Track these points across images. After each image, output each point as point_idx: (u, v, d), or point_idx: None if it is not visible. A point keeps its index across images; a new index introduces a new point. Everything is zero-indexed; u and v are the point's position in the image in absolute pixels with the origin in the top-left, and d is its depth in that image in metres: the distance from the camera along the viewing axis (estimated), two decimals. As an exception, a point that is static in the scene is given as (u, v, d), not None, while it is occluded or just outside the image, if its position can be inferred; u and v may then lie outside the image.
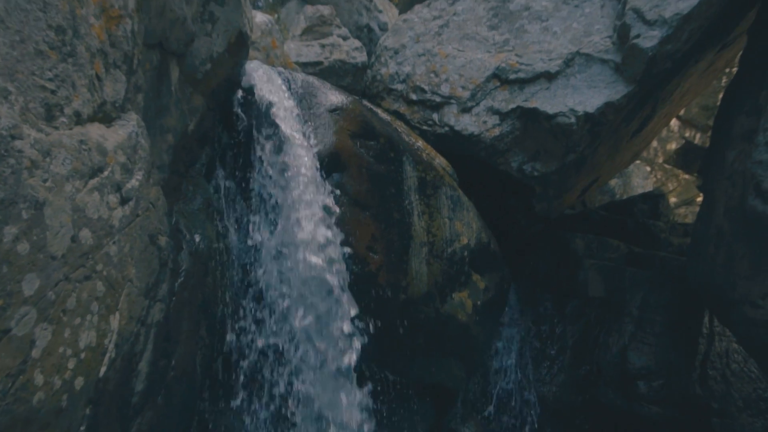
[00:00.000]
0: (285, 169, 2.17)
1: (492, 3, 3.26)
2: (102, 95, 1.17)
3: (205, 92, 2.18)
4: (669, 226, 4.58)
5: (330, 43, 6.40)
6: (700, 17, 2.55)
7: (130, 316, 1.12)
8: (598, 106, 2.76)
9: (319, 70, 6.31)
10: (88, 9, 1.09)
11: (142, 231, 1.22)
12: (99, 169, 1.03)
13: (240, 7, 2.14)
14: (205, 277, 1.88)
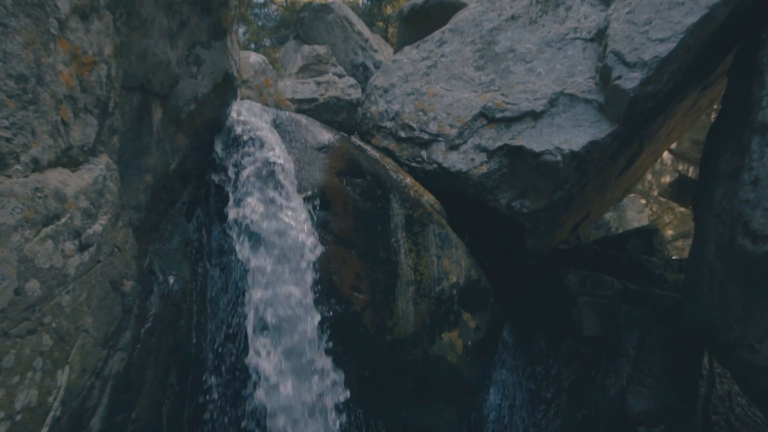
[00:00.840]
0: (268, 207, 2.15)
1: (478, 45, 3.35)
2: (68, 140, 1.16)
3: (189, 132, 2.19)
4: (664, 262, 4.52)
5: (326, 81, 6.57)
6: (678, 60, 2.61)
7: (82, 368, 1.06)
8: (584, 144, 2.78)
9: (314, 106, 6.45)
10: (56, 57, 1.10)
11: (104, 277, 1.18)
12: (55, 216, 1.00)
13: (226, 51, 2.18)
14: (178, 319, 1.81)
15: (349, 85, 6.58)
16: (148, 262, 1.76)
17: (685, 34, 2.53)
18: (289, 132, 2.70)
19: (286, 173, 2.19)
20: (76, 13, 1.21)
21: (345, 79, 6.82)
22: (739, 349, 2.37)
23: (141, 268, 1.62)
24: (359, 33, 7.08)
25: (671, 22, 2.56)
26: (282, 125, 2.72)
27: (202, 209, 2.30)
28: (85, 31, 1.26)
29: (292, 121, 2.79)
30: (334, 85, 6.45)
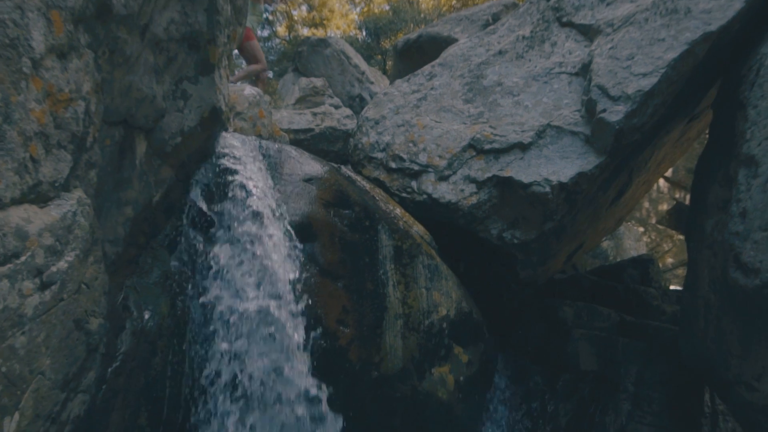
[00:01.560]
0: (251, 240, 2.12)
1: (467, 79, 3.42)
2: (37, 176, 1.15)
3: (175, 164, 2.19)
4: (661, 292, 4.45)
5: (322, 112, 6.69)
6: (662, 93, 2.65)
7: (35, 414, 1.01)
8: (572, 176, 2.78)
9: (310, 136, 6.54)
10: (27, 95, 1.10)
11: (66, 316, 1.14)
12: (14, 254, 0.98)
13: (214, 85, 2.21)
14: (152, 357, 1.75)
15: (345, 116, 6.69)
16: (123, 297, 1.72)
17: (667, 69, 2.58)
18: (277, 163, 2.71)
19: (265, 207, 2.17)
20: (53, 53, 1.22)
21: (341, 110, 6.95)
22: (737, 388, 2.29)
23: (113, 304, 1.58)
24: (356, 66, 7.27)
25: (653, 58, 2.62)
26: (270, 157, 2.74)
27: (185, 242, 2.28)
28: (62, 69, 1.27)
29: (280, 152, 2.81)
30: (330, 115, 6.56)
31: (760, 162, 2.29)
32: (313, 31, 19.80)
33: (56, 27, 1.22)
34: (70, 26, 1.29)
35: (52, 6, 1.20)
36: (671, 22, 2.65)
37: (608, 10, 3.04)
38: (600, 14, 3.05)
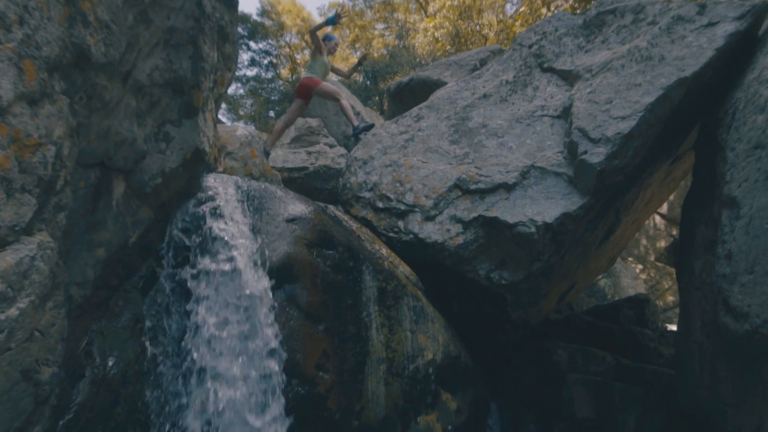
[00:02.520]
0: (227, 286, 2.08)
1: (453, 120, 3.50)
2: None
3: (155, 204, 2.19)
4: (658, 334, 4.33)
5: (316, 151, 6.79)
6: (641, 136, 2.69)
7: (-34, 477, 0.93)
8: (556, 216, 2.78)
9: (304, 174, 6.61)
10: (-10, 141, 1.11)
11: (12, 366, 1.09)
12: (-43, 303, 0.95)
13: (197, 128, 2.24)
14: (114, 407, 1.67)
15: (339, 155, 6.80)
16: (86, 343, 1.66)
17: (645, 113, 2.63)
18: (261, 204, 2.71)
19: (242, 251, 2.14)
20: (22, 100, 1.24)
21: (336, 149, 7.07)
22: (736, 440, 2.17)
23: (74, 350, 1.52)
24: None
25: (630, 102, 2.68)
26: (254, 197, 2.74)
27: (163, 283, 2.23)
28: (32, 115, 1.29)
29: (265, 192, 2.81)
30: (325, 154, 6.66)
31: (741, 204, 2.29)
32: (315, 74, 20.54)
33: (28, 75, 1.24)
34: (44, 74, 1.32)
35: (25, 56, 1.23)
36: (646, 68, 2.73)
37: (587, 56, 3.15)
38: (579, 60, 3.16)
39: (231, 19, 2.57)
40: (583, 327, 4.52)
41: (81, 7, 1.45)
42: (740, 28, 2.62)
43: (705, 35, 2.67)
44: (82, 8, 1.46)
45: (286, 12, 19.65)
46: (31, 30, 1.25)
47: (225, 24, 2.46)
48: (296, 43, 20.29)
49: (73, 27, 1.43)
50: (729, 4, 2.72)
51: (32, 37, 1.25)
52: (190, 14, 2.01)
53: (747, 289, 2.12)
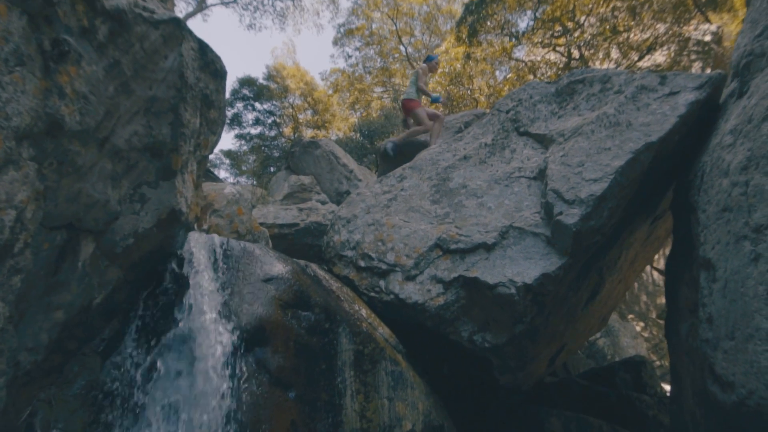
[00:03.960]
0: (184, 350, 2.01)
1: (434, 181, 3.58)
2: (-66, 287, 1.13)
3: (125, 264, 2.17)
4: (656, 399, 4.11)
5: (308, 207, 6.89)
6: (615, 197, 2.74)
7: None
8: (536, 277, 2.75)
9: (294, 230, 6.63)
10: (-59, 208, 1.13)
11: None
12: None
13: (174, 189, 2.28)
14: (51, 489, 1.54)
15: (330, 211, 6.88)
16: (28, 414, 1.57)
17: (616, 175, 2.70)
18: (238, 263, 2.69)
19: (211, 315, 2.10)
20: (-16, 167, 1.28)
21: (327, 205, 7.18)
22: None
23: (11, 423, 1.44)
24: (344, 165, 7.68)
25: (601, 165, 2.76)
26: (232, 256, 2.73)
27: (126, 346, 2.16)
28: (-7, 181, 1.32)
29: (243, 251, 2.81)
30: (316, 211, 6.74)
31: (716, 266, 2.27)
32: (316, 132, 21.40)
33: (-8, 144, 1.29)
34: (11, 143, 1.37)
35: (-8, 126, 1.29)
36: (615, 133, 2.84)
37: (559, 122, 3.29)
38: (552, 125, 3.30)
39: (217, 88, 2.72)
40: (579, 392, 4.30)
41: (58, 80, 1.53)
42: (700, 97, 2.76)
43: (668, 103, 2.81)
44: (59, 81, 1.54)
45: (290, 76, 20.81)
46: (2, 103, 1.31)
47: (210, 92, 2.59)
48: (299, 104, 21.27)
49: (48, 99, 1.51)
50: (688, 75, 2.88)
51: (2, 109, 1.31)
52: (172, 85, 2.12)
53: (730, 357, 2.04)
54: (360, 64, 21.40)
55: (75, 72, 1.61)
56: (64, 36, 1.55)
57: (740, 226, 2.10)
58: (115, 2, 1.78)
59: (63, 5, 1.53)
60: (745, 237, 2.05)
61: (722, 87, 2.89)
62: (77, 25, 1.62)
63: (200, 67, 2.39)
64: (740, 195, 2.13)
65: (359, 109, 22.00)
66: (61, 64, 1.55)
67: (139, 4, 1.92)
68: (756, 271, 1.95)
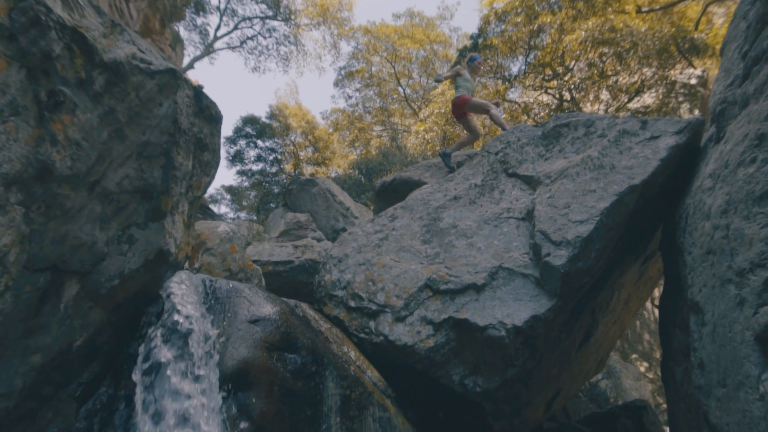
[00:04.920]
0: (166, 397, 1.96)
1: (425, 221, 3.61)
2: None
3: (109, 306, 2.16)
4: (660, 450, 3.94)
5: (303, 245, 6.89)
6: (602, 239, 2.76)
7: None
8: (526, 319, 2.72)
9: (289, 268, 6.60)
10: None
11: None
12: None
13: (163, 230, 2.31)
14: None
15: (326, 249, 6.88)
16: (-5, 466, 1.52)
17: (601, 217, 2.73)
18: (225, 304, 2.67)
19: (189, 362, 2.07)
20: (-31, 212, 1.31)
21: (323, 243, 7.18)
22: None
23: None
24: (340, 203, 7.76)
25: (586, 206, 2.80)
26: (219, 297, 2.72)
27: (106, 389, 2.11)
28: (-23, 226, 1.34)
29: (232, 291, 2.79)
30: (312, 248, 6.74)
31: (705, 309, 2.26)
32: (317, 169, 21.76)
33: (-20, 191, 1.33)
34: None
35: (-19, 174, 1.33)
36: (599, 175, 2.91)
37: (546, 164, 3.37)
38: (540, 167, 3.38)
39: (212, 131, 2.81)
40: (579, 440, 4.13)
41: (51, 128, 1.60)
42: (680, 141, 2.84)
43: (649, 147, 2.89)
44: (52, 129, 1.60)
45: (292, 115, 21.40)
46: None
47: (204, 136, 2.67)
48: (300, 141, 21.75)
49: (40, 146, 1.56)
50: (667, 120, 2.98)
51: (-7, 157, 1.36)
52: (166, 130, 2.19)
53: (723, 405, 1.99)
54: (360, 104, 22.09)
55: (69, 120, 1.67)
56: (60, 87, 1.63)
57: (724, 269, 2.10)
58: (113, 55, 1.87)
59: (62, 59, 1.62)
60: (730, 280, 2.05)
61: (701, 131, 2.98)
62: (75, 76, 1.70)
63: (195, 112, 2.48)
64: (722, 238, 2.15)
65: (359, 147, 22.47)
66: (55, 113, 1.62)
67: (137, 56, 2.02)
68: (742, 315, 1.94)
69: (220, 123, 2.88)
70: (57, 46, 1.58)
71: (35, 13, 1.48)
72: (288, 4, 17.57)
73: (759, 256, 1.89)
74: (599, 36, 8.69)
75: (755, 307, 1.88)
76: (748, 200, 1.99)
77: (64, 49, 1.62)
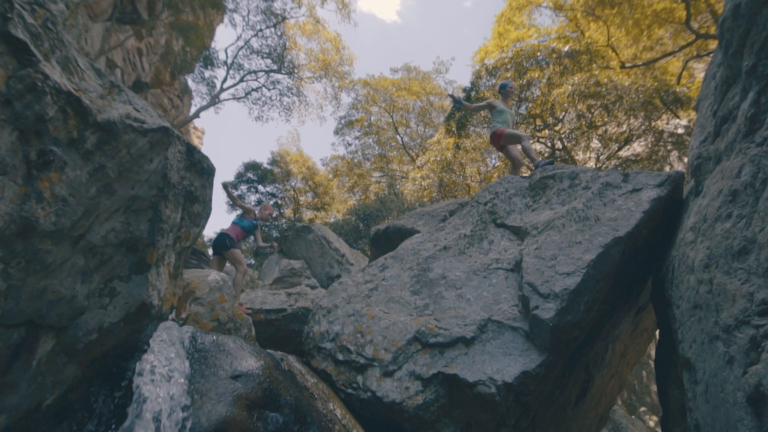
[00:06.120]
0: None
1: (415, 271, 3.60)
2: None
3: (84, 361, 2.11)
4: None
5: (297, 292, 6.81)
6: (590, 291, 2.73)
7: None
8: (516, 375, 2.64)
9: (282, 316, 6.48)
10: None
11: None
12: None
13: (146, 282, 2.30)
14: None
15: (318, 297, 6.79)
16: None
17: (588, 269, 2.73)
18: (207, 358, 2.61)
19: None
20: (-56, 271, 1.31)
21: (317, 290, 7.10)
22: None
23: None
24: (336, 249, 7.76)
25: (573, 258, 2.80)
26: (202, 351, 2.65)
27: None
28: (-49, 284, 1.34)
29: (215, 346, 2.73)
30: (305, 296, 6.66)
31: (696, 367, 2.21)
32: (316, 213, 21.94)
33: (-42, 249, 1.34)
34: (-22, 246, 1.42)
35: (-39, 232, 1.35)
36: (585, 227, 2.94)
37: (533, 215, 3.41)
38: (527, 218, 3.42)
39: (203, 183, 2.87)
40: (582, 507, 3.85)
41: (38, 186, 1.64)
42: (661, 194, 2.90)
43: (632, 200, 2.94)
44: (39, 187, 1.64)
45: (293, 161, 21.90)
46: (-24, 210, 1.39)
47: (194, 189, 2.73)
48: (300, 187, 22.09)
49: (25, 203, 1.60)
50: (648, 173, 3.06)
51: (-25, 216, 1.39)
52: (155, 185, 2.25)
53: (722, 472, 1.89)
54: (359, 151, 22.66)
55: (57, 178, 1.72)
56: (51, 147, 1.69)
57: (711, 325, 2.08)
58: (107, 115, 1.95)
59: (55, 121, 1.69)
60: (717, 337, 2.02)
61: (682, 183, 3.05)
62: (67, 136, 1.76)
63: (186, 167, 2.55)
64: (707, 293, 2.14)
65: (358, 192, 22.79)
66: (44, 171, 1.67)
67: (131, 116, 2.10)
68: (732, 375, 1.89)
69: (212, 175, 2.95)
70: (51, 109, 1.66)
71: (32, 81, 1.57)
72: (292, 59, 18.52)
73: (743, 313, 1.87)
74: (585, 90, 9.08)
75: (744, 367, 1.83)
76: (728, 255, 2.00)
77: (58, 112, 1.70)
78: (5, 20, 1.48)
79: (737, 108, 2.20)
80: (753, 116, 2.00)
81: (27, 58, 1.57)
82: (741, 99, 2.16)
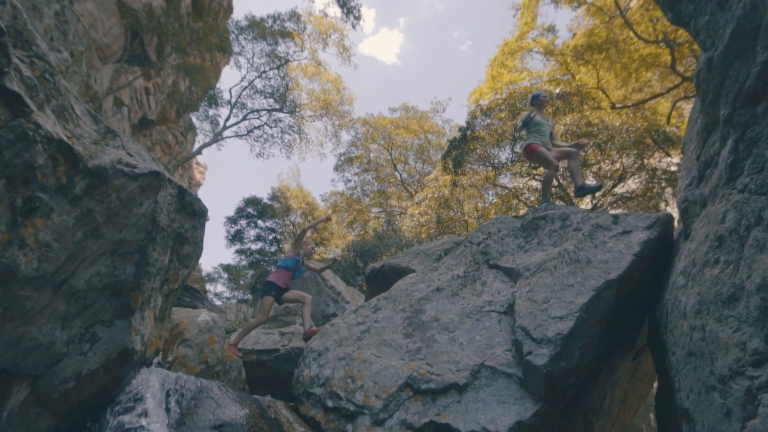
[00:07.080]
0: None
1: (407, 313, 3.54)
2: None
3: (59, 411, 2.04)
4: None
5: (290, 332, 6.66)
6: (583, 336, 2.68)
7: None
8: (510, 425, 2.54)
9: (274, 357, 6.31)
10: None
11: None
12: None
13: (129, 327, 2.26)
14: None
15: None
16: None
17: (581, 313, 2.68)
18: (189, 406, 2.52)
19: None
20: None
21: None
22: None
23: None
24: (332, 287, 7.66)
25: (565, 302, 2.76)
26: (185, 396, 2.57)
27: None
28: None
29: (198, 393, 2.65)
30: (298, 336, 6.51)
31: (694, 418, 2.12)
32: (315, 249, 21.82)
33: (-69, 299, 1.33)
34: (-46, 296, 1.41)
35: (-64, 282, 1.34)
36: (576, 269, 2.92)
37: (525, 256, 3.40)
38: (519, 259, 3.40)
39: (194, 225, 2.88)
40: None
41: (22, 232, 1.64)
42: (651, 236, 2.90)
43: (623, 242, 2.94)
44: (22, 233, 1.64)
45: (293, 197, 22.07)
46: (-46, 259, 1.39)
47: (184, 231, 2.74)
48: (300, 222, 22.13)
49: (6, 250, 1.59)
50: (638, 215, 3.07)
51: (-47, 264, 1.38)
52: (143, 228, 2.25)
53: None
54: (358, 187, 22.88)
55: (42, 224, 1.73)
56: (38, 194, 1.70)
57: (706, 374, 2.02)
58: (98, 161, 1.99)
59: (44, 168, 1.71)
60: (713, 388, 1.96)
61: (672, 225, 3.05)
62: (55, 182, 1.78)
63: (176, 209, 2.57)
64: (700, 340, 2.09)
65: (357, 228, 22.81)
66: (28, 218, 1.68)
67: (123, 161, 2.14)
68: (730, 429, 1.82)
69: (203, 217, 2.96)
70: (41, 157, 1.69)
71: (24, 131, 1.61)
72: (294, 98, 19.07)
73: (736, 363, 1.82)
74: (578, 130, 9.28)
75: (742, 421, 1.77)
76: (718, 302, 1.97)
77: (48, 159, 1.73)
78: (2, 74, 1.54)
79: (718, 154, 2.24)
80: (733, 163, 2.04)
81: (20, 108, 1.61)
82: (721, 146, 2.20)
